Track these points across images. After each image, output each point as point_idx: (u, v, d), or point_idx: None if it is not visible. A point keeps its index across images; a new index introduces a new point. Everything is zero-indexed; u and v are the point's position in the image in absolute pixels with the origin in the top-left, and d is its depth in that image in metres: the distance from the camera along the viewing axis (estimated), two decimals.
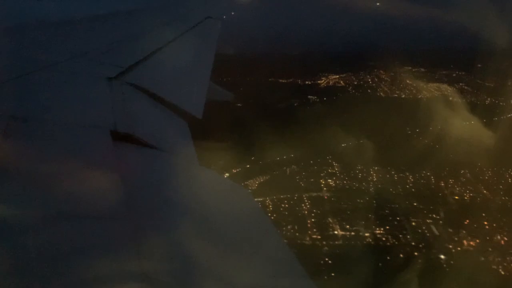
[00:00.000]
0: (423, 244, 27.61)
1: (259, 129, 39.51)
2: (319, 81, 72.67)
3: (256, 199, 31.50)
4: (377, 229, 29.31)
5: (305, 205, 32.86)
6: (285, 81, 72.65)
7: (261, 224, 2.64)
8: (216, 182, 3.17)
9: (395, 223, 29.98)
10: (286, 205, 33.21)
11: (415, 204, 32.54)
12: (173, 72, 5.33)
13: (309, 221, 30.56)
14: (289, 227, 29.99)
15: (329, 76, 73.28)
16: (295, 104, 59.89)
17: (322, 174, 37.75)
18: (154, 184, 2.64)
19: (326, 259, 26.32)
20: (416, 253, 26.87)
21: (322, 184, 36.22)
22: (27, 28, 5.33)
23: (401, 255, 26.65)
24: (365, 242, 27.94)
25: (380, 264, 25.29)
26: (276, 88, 66.09)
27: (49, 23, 5.90)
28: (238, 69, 66.52)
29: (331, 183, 36.54)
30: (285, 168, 40.21)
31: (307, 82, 72.34)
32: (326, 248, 27.50)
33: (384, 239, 28.49)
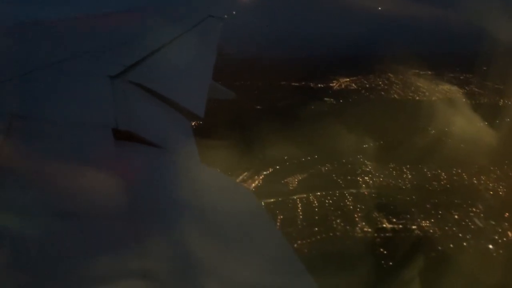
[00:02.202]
0: (470, 235, 29.36)
1: (282, 131, 40.82)
2: (331, 84, 72.46)
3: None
4: (423, 222, 30.99)
5: (350, 201, 34.41)
6: (298, 84, 72.67)
7: (263, 222, 2.67)
8: (217, 181, 3.23)
9: (439, 216, 31.69)
10: (329, 202, 34.62)
11: (452, 198, 34.25)
12: (175, 70, 5.34)
13: (356, 216, 32.14)
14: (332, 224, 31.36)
15: (340, 79, 73.11)
16: (312, 107, 59.67)
17: (357, 172, 39.23)
18: (156, 182, 2.67)
19: (381, 249, 27.87)
20: (465, 244, 28.59)
21: (360, 180, 37.73)
22: (28, 26, 5.32)
23: (451, 245, 28.36)
24: (414, 234, 29.66)
25: (433, 254, 26.85)
26: (290, 91, 65.87)
27: (50, 21, 5.88)
28: (248, 72, 66.95)
29: (367, 180, 38.03)
30: (319, 167, 41.43)
31: (319, 85, 72.24)
32: (378, 239, 29.12)
33: (431, 231, 30.17)
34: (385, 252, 27.63)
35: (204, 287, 1.76)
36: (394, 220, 31.31)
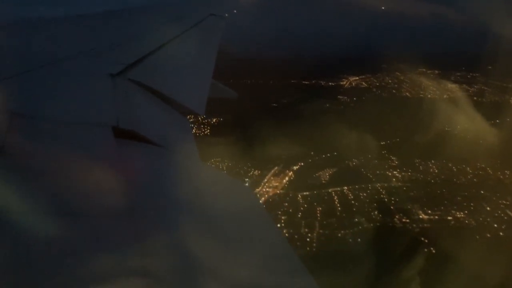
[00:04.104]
0: (505, 225, 30.92)
1: (303, 130, 41.91)
2: (341, 82, 72.47)
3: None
4: (458, 213, 32.44)
5: (383, 194, 35.73)
6: (308, 82, 72.87)
7: (262, 220, 2.70)
8: (217, 179, 3.28)
9: (472, 208, 33.18)
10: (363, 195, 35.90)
11: (481, 192, 35.75)
12: (176, 69, 5.35)
13: (392, 207, 33.52)
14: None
15: (349, 78, 73.34)
16: (327, 105, 60.11)
17: (386, 166, 40.48)
18: (155, 181, 2.70)
19: (422, 238, 29.25)
20: (501, 233, 30.08)
21: (389, 175, 38.99)
22: (29, 25, 5.31)
23: (488, 235, 29.81)
24: (451, 225, 31.10)
25: (473, 243, 28.21)
26: (302, 90, 66.58)
27: (52, 19, 5.89)
28: (258, 71, 67.68)
29: (396, 174, 39.29)
30: (346, 162, 42.42)
31: (330, 83, 72.28)
32: (417, 229, 30.49)
33: (467, 221, 31.63)
34: (426, 240, 28.97)
35: (204, 285, 1.79)
36: (429, 211, 32.73)
